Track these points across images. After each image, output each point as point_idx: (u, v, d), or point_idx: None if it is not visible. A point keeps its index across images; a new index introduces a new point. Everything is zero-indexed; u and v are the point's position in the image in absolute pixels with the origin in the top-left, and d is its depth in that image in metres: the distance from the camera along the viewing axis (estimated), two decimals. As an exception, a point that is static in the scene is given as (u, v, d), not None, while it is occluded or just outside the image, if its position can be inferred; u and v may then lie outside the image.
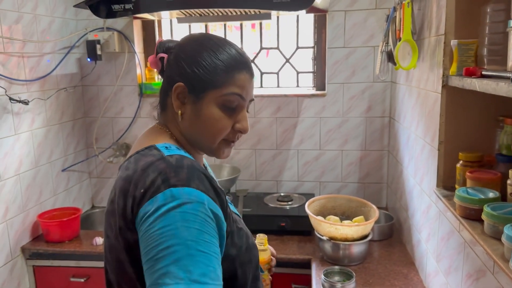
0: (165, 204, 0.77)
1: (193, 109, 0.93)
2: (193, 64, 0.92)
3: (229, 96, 0.92)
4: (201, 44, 0.94)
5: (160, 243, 0.75)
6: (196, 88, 0.92)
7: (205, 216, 0.79)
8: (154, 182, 0.80)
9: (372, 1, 2.21)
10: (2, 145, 1.91)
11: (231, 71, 0.92)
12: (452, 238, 1.32)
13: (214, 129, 0.93)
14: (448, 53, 1.30)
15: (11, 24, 1.95)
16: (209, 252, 0.77)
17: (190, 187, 0.80)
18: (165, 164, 0.83)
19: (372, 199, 2.40)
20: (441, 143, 1.36)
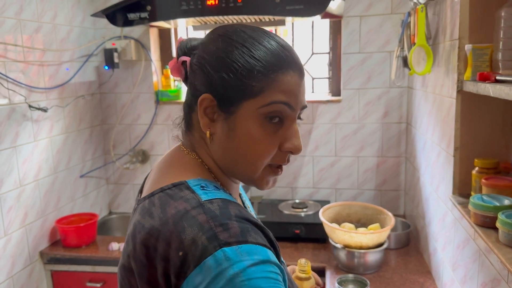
0: (222, 272, 0.57)
1: (225, 128, 0.70)
2: (221, 68, 0.68)
3: (272, 107, 0.68)
4: (230, 40, 0.70)
5: None
6: (227, 99, 0.69)
7: (274, 275, 0.60)
8: (196, 242, 0.60)
9: (387, 6, 2.19)
10: (21, 152, 1.95)
11: (273, 73, 0.68)
12: (468, 246, 1.29)
13: (254, 153, 0.70)
14: (462, 58, 1.28)
15: (31, 34, 2.01)
16: None
17: (248, 243, 0.60)
18: (206, 216, 0.62)
19: (390, 206, 2.36)
20: (457, 150, 1.34)
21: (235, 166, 0.73)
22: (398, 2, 2.18)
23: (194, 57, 0.74)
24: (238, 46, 0.69)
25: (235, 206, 0.66)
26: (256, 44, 0.69)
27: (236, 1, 1.77)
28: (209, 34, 0.75)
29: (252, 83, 0.67)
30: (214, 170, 0.76)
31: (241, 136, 0.69)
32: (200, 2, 1.79)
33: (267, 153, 0.70)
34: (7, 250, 1.88)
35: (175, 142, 0.81)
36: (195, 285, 0.58)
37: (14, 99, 1.90)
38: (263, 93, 0.68)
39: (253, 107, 0.68)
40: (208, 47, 0.72)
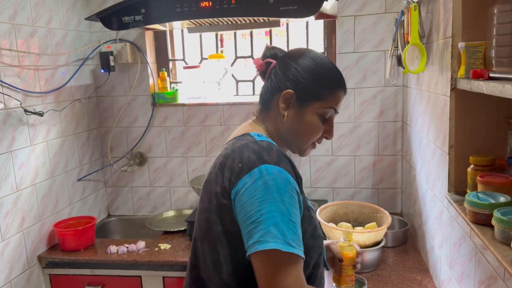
0: (261, 177, 0.93)
1: (296, 114, 1.07)
2: (305, 76, 1.06)
3: (328, 110, 1.07)
4: (314, 60, 1.08)
5: (262, 209, 0.90)
6: (304, 97, 1.06)
7: (292, 193, 0.94)
8: (250, 159, 0.96)
9: (381, 6, 2.20)
10: (18, 156, 1.95)
11: (334, 88, 1.07)
12: (464, 244, 1.30)
13: (311, 134, 1.09)
14: (456, 55, 1.28)
15: (26, 38, 2.01)
16: (296, 223, 0.93)
17: (280, 166, 0.95)
18: (258, 146, 0.99)
19: (387, 205, 2.37)
20: (452, 147, 1.34)
21: (295, 138, 1.10)
22: (391, 1, 2.18)
23: (281, 62, 1.11)
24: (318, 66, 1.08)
25: (277, 147, 1.02)
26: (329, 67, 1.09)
27: (230, 2, 1.77)
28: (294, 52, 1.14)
29: (322, 91, 1.06)
30: (274, 136, 1.11)
31: (306, 122, 1.07)
32: (194, 4, 1.79)
33: (316, 135, 1.10)
34: (4, 255, 1.87)
35: (173, 143, 1.21)
36: (245, 183, 0.94)
37: (9, 104, 1.90)
38: (326, 100, 1.07)
39: (318, 106, 1.07)
40: (296, 59, 1.09)
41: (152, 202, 2.66)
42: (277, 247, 0.88)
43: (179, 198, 2.62)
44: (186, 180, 2.58)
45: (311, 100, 1.06)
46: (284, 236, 0.89)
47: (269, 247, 0.88)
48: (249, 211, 0.92)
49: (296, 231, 0.92)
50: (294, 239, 0.90)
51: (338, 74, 1.10)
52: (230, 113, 2.47)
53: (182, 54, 2.63)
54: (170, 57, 2.62)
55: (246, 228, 0.92)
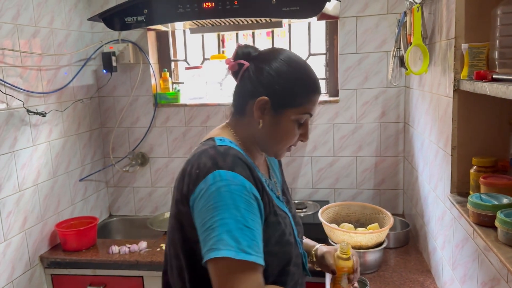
0: (214, 183, 0.91)
1: (271, 121, 1.04)
2: (280, 82, 1.02)
3: (303, 115, 1.05)
4: (288, 65, 1.04)
5: (214, 215, 0.89)
6: (279, 104, 1.03)
7: (248, 198, 0.93)
8: (205, 164, 0.95)
9: (383, 6, 2.20)
10: (20, 156, 1.95)
11: (310, 93, 1.05)
12: (467, 245, 1.30)
13: (287, 139, 1.07)
14: (459, 57, 1.28)
15: (28, 38, 2.01)
16: (254, 228, 0.91)
17: (235, 171, 0.93)
18: (215, 151, 0.98)
19: (389, 205, 2.37)
20: (454, 149, 1.34)
21: (270, 144, 1.08)
22: (394, 2, 2.18)
23: (254, 65, 1.06)
24: (294, 72, 1.03)
25: (236, 152, 0.99)
26: (305, 73, 1.05)
27: (233, 3, 1.78)
28: (268, 53, 1.08)
29: (297, 98, 1.03)
30: (246, 142, 1.09)
31: (282, 128, 1.05)
32: (197, 5, 1.80)
33: (292, 141, 1.08)
34: (7, 255, 1.88)
35: (175, 144, 1.21)
36: (200, 189, 0.93)
37: (12, 104, 1.90)
38: (302, 106, 1.04)
39: (294, 113, 1.04)
40: (270, 63, 1.04)
41: (154, 203, 2.66)
42: (229, 255, 0.86)
43: (181, 199, 2.62)
44: (187, 181, 2.58)
45: (286, 107, 1.03)
46: (237, 243, 0.87)
47: (220, 255, 0.86)
48: (204, 218, 0.91)
49: (253, 237, 0.90)
50: (251, 245, 0.88)
51: (314, 78, 1.07)
52: (232, 113, 2.46)
53: (184, 55, 2.63)
54: (172, 58, 2.62)
55: (201, 235, 0.91)
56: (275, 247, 1.01)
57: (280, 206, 1.10)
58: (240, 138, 1.09)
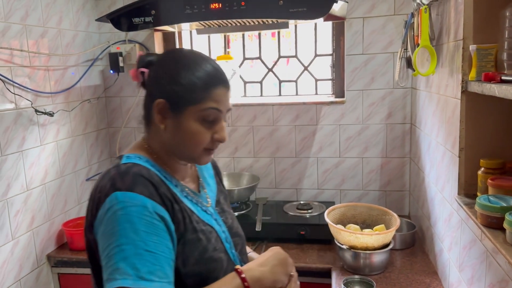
0: (111, 206, 0.86)
1: (174, 123, 0.98)
2: (172, 82, 0.97)
3: (207, 111, 0.97)
4: (178, 62, 0.99)
5: (111, 242, 0.84)
6: (176, 104, 0.97)
7: (150, 219, 0.86)
8: (106, 187, 0.89)
9: (390, 8, 2.20)
10: (28, 156, 1.97)
11: (208, 88, 0.97)
12: (474, 247, 1.29)
13: (194, 141, 0.99)
14: (467, 58, 1.28)
15: (37, 39, 2.02)
16: (157, 252, 0.85)
17: (133, 191, 0.87)
18: (116, 171, 0.92)
19: (394, 207, 2.36)
20: (462, 150, 1.34)
21: (181, 149, 1.01)
22: (400, 3, 2.18)
23: (152, 71, 1.01)
24: (185, 68, 0.97)
25: (140, 168, 0.93)
26: (197, 67, 0.98)
27: (240, 4, 1.78)
28: (163, 55, 1.04)
29: (194, 95, 0.96)
30: (159, 153, 1.03)
31: (185, 130, 0.97)
32: (204, 6, 1.80)
33: (203, 142, 0.99)
34: (14, 254, 1.89)
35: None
36: (100, 214, 0.88)
37: (20, 104, 1.91)
38: (202, 102, 0.96)
39: (194, 111, 0.97)
40: (163, 65, 1.00)
41: (160, 203, 2.66)
42: (126, 284, 0.79)
43: (187, 199, 2.63)
44: (193, 181, 2.59)
45: (184, 105, 0.96)
46: (136, 271, 0.80)
47: (116, 285, 0.79)
48: (103, 245, 0.85)
49: (155, 261, 0.83)
50: (152, 271, 0.82)
51: (211, 71, 0.99)
52: (238, 114, 2.47)
53: (191, 55, 2.63)
54: (178, 58, 2.63)
55: (102, 264, 0.85)
56: (195, 267, 0.95)
57: (205, 221, 1.03)
58: (155, 151, 1.03)
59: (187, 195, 1.03)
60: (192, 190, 1.07)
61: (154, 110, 0.99)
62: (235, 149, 2.52)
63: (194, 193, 1.07)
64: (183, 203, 0.99)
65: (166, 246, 0.87)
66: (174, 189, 0.99)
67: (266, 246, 2.05)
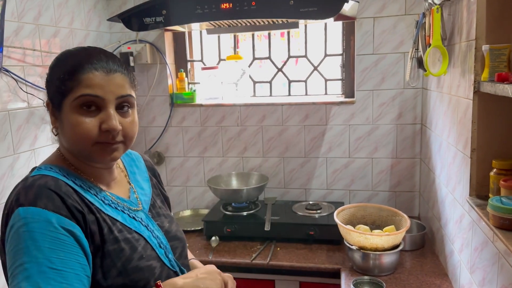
0: (14, 224, 0.82)
1: (59, 121, 0.94)
2: (48, 81, 0.96)
3: (81, 99, 0.90)
4: (54, 61, 0.97)
5: (15, 262, 0.80)
6: (54, 100, 0.94)
7: (55, 234, 0.82)
8: (11, 203, 0.86)
9: (401, 7, 2.19)
10: (40, 154, 1.99)
11: (75, 74, 0.91)
12: (486, 249, 1.28)
13: (79, 134, 0.91)
14: (479, 58, 1.27)
15: (49, 38, 2.04)
16: (64, 269, 0.80)
17: (36, 206, 0.83)
18: (22, 185, 0.88)
19: (404, 208, 2.35)
20: (474, 151, 1.33)
21: (73, 148, 0.95)
22: (411, 3, 2.17)
23: None
24: (53, 64, 0.96)
25: (49, 180, 0.88)
26: (61, 59, 0.95)
27: (250, 4, 1.78)
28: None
29: (63, 86, 0.91)
30: (69, 158, 0.98)
31: (68, 125, 0.92)
32: (215, 6, 1.81)
33: (87, 133, 0.91)
34: (26, 251, 1.91)
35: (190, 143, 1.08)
36: (7, 231, 0.84)
37: (32, 103, 1.93)
38: (73, 91, 0.91)
39: (69, 102, 0.91)
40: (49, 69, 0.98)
41: (169, 202, 2.68)
42: None
43: (195, 198, 2.64)
44: (202, 180, 2.60)
45: (60, 99, 0.92)
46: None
47: None
48: (8, 264, 0.82)
49: (62, 279, 0.79)
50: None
51: (81, 58, 0.93)
52: (247, 114, 2.47)
53: (200, 55, 2.65)
54: (188, 58, 2.64)
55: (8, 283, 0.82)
56: (118, 279, 0.90)
57: (132, 227, 0.98)
58: (64, 155, 0.98)
59: (110, 203, 0.98)
60: (119, 196, 1.02)
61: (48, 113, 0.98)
62: (244, 149, 2.52)
63: (120, 199, 1.02)
64: (103, 212, 0.94)
65: (77, 261, 0.83)
66: (91, 198, 0.94)
67: (275, 246, 2.05)
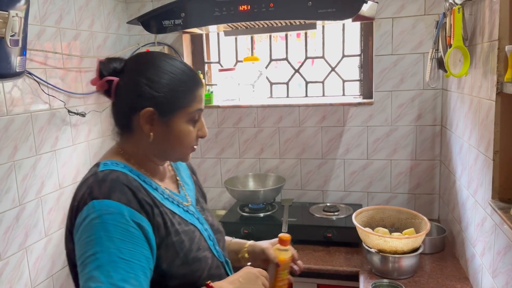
0: (88, 215, 0.87)
1: (164, 129, 1.00)
2: (161, 89, 0.98)
3: (195, 113, 1.02)
4: (163, 68, 1.00)
5: (86, 251, 0.85)
6: (166, 110, 0.99)
7: (126, 226, 0.87)
8: (83, 196, 0.91)
9: (420, 8, 2.16)
10: (61, 155, 2.02)
11: (193, 90, 1.01)
12: (509, 253, 1.26)
13: (186, 142, 1.03)
14: (502, 59, 1.25)
15: (70, 41, 2.08)
16: (131, 260, 0.86)
17: (110, 199, 0.88)
18: (93, 179, 0.93)
19: (424, 210, 2.32)
20: (496, 153, 1.30)
21: (170, 151, 1.04)
22: (431, 3, 2.14)
23: (126, 78, 1.00)
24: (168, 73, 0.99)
25: (118, 174, 0.94)
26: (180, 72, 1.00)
27: (268, 6, 1.78)
28: (136, 62, 1.03)
29: (183, 99, 1.00)
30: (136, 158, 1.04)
31: (177, 133, 1.00)
32: (233, 8, 1.81)
33: (191, 141, 1.04)
34: (47, 251, 1.94)
35: (207, 144, 1.14)
36: (78, 222, 0.89)
37: (54, 105, 1.97)
38: (190, 105, 1.01)
39: (184, 113, 1.00)
40: (142, 72, 0.99)
41: (186, 202, 2.69)
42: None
43: (213, 199, 2.65)
44: (219, 181, 2.61)
45: (176, 111, 0.99)
46: (109, 278, 0.81)
47: None
48: (78, 254, 0.87)
49: (129, 269, 0.84)
50: (126, 278, 0.83)
51: (192, 74, 1.03)
52: (264, 115, 2.48)
53: (218, 57, 2.66)
54: (205, 60, 2.66)
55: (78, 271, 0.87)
56: (180, 269, 0.97)
57: (188, 220, 1.05)
58: (132, 156, 1.04)
59: (168, 197, 1.04)
60: (172, 191, 1.09)
61: (141, 120, 0.99)
62: (261, 150, 2.52)
63: (174, 194, 1.09)
64: (164, 206, 1.00)
65: (143, 254, 0.88)
66: (154, 193, 1.00)
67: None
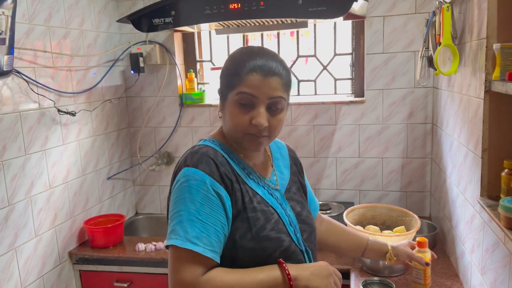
0: (179, 179, 1.02)
1: (224, 109, 1.12)
2: (222, 73, 1.13)
3: (240, 95, 1.05)
4: (228, 57, 1.13)
5: (174, 208, 1.00)
6: (223, 90, 1.11)
7: (206, 193, 1.00)
8: (181, 163, 1.07)
9: (411, 6, 2.17)
10: (51, 155, 2.01)
11: (242, 74, 1.05)
12: (497, 250, 1.26)
13: (234, 123, 1.08)
14: (490, 57, 1.25)
15: (59, 40, 2.07)
16: (207, 222, 0.98)
17: (197, 168, 1.02)
18: (190, 150, 1.09)
19: (415, 208, 2.33)
20: (485, 151, 1.31)
21: (231, 133, 1.12)
22: (422, 2, 2.15)
23: None
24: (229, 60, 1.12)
25: (208, 149, 1.07)
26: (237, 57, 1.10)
27: (259, 4, 1.78)
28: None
29: (230, 81, 1.07)
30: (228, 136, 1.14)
31: (228, 113, 1.08)
32: (223, 6, 1.81)
33: (240, 124, 1.07)
34: (37, 251, 1.93)
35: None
36: (174, 184, 1.04)
37: (43, 104, 1.96)
38: (237, 87, 1.06)
39: (232, 95, 1.07)
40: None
41: (179, 201, 2.69)
42: (176, 243, 0.95)
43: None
44: (212, 180, 2.60)
45: (227, 90, 1.09)
46: (185, 233, 0.96)
47: (169, 243, 0.97)
48: (170, 209, 1.03)
49: (203, 229, 0.97)
50: (199, 237, 0.96)
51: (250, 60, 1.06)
52: (257, 114, 2.47)
53: (210, 56, 2.66)
54: (197, 59, 2.65)
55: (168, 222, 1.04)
56: (250, 242, 1.03)
57: (269, 203, 1.11)
58: (227, 135, 1.15)
59: (254, 178, 1.13)
60: (261, 174, 1.17)
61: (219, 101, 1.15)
62: (253, 149, 2.52)
63: (262, 177, 1.17)
64: (246, 184, 1.09)
65: (218, 220, 0.99)
66: (239, 171, 1.10)
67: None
